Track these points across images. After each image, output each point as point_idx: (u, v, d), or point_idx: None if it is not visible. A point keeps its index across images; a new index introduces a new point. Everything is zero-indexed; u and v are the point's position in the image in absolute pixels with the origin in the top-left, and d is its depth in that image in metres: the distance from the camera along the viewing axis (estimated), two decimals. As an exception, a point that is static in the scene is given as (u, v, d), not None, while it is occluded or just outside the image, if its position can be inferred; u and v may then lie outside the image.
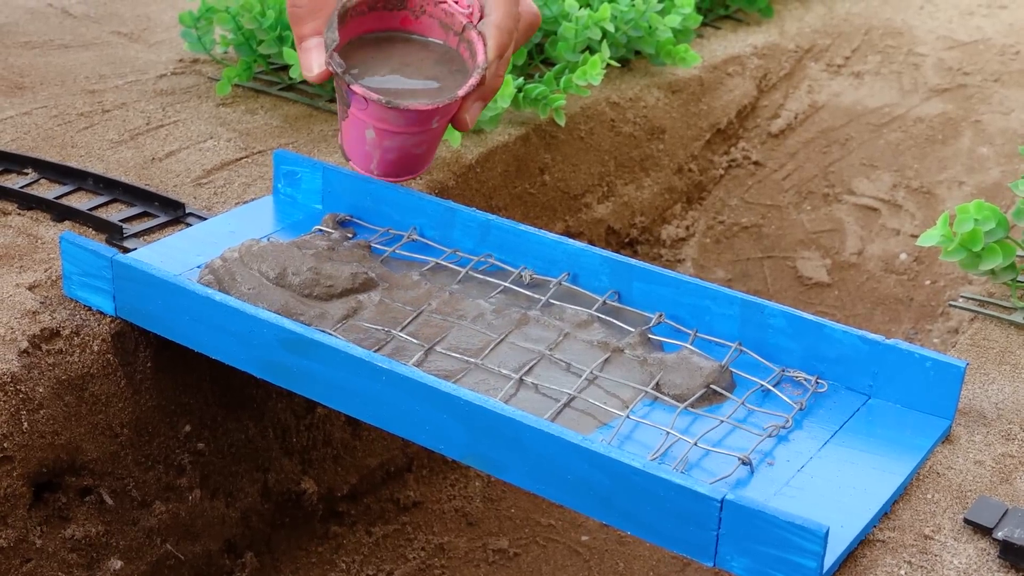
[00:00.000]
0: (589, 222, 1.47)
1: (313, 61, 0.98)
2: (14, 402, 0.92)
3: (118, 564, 1.00)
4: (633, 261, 0.95)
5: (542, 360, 0.89)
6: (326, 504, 1.21)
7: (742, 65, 1.69)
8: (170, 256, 1.00)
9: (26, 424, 0.93)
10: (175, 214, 1.09)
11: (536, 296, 0.96)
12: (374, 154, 1.00)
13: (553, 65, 1.41)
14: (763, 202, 1.63)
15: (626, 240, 1.53)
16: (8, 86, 1.37)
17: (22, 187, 1.12)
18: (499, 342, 0.91)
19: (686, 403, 0.85)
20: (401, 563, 1.21)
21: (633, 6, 1.45)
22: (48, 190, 1.13)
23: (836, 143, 1.67)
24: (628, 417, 0.84)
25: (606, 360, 0.89)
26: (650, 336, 0.92)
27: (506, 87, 1.25)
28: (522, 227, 0.99)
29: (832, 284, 1.53)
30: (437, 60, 1.00)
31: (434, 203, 1.02)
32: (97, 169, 1.17)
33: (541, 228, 1.08)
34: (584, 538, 1.26)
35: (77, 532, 0.98)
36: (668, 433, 0.82)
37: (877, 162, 1.64)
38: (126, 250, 1.02)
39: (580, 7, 1.43)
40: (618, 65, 1.47)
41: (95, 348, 0.98)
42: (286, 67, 1.37)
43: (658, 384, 0.87)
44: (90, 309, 0.98)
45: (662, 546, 0.75)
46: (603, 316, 0.94)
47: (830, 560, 0.73)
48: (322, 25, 0.98)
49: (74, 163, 1.18)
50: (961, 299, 1.06)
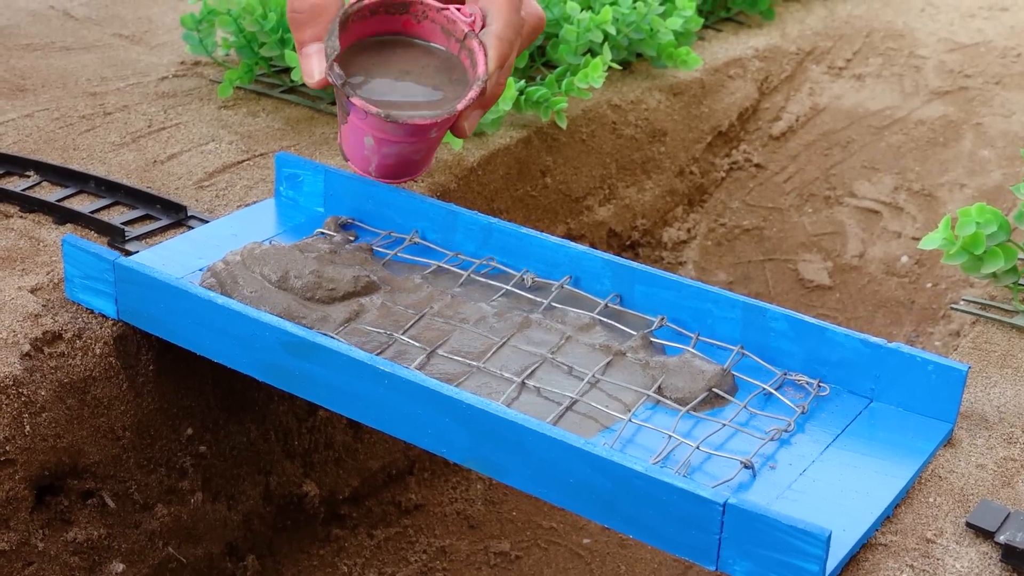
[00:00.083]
0: (590, 224, 1.47)
1: (314, 67, 0.98)
2: (16, 405, 0.92)
3: (120, 567, 1.00)
4: (635, 264, 0.95)
5: (544, 363, 0.89)
6: (328, 507, 1.21)
7: (743, 67, 1.69)
8: (172, 259, 1.00)
9: (28, 427, 0.93)
10: (177, 217, 1.09)
11: (538, 299, 0.96)
12: (373, 159, 1.00)
13: (555, 67, 1.41)
14: (764, 204, 1.63)
15: (627, 243, 1.53)
16: (10, 88, 1.37)
17: (24, 190, 1.12)
18: (501, 345, 0.91)
19: (688, 406, 0.85)
20: (403, 566, 1.21)
21: (635, 9, 1.45)
22: (50, 193, 1.13)
23: (837, 145, 1.67)
24: (630, 421, 0.84)
25: (608, 363, 0.89)
26: (652, 339, 0.92)
27: (508, 90, 1.25)
28: (524, 230, 0.99)
29: (833, 287, 1.53)
30: (438, 67, 1.00)
31: (436, 206, 1.02)
32: (99, 172, 1.17)
33: (543, 230, 1.08)
34: (586, 541, 1.26)
35: (79, 535, 0.98)
36: (670, 437, 0.82)
37: (878, 165, 1.64)
38: (128, 253, 1.02)
39: (582, 10, 1.43)
40: (619, 68, 1.47)
41: (97, 351, 0.98)
42: (288, 69, 1.37)
43: (660, 387, 0.87)
44: (92, 312, 0.98)
45: (664, 550, 0.75)
46: (605, 319, 0.94)
47: (832, 564, 0.72)
48: (322, 31, 0.98)
49: (76, 166, 1.18)
50: (963, 302, 1.06)
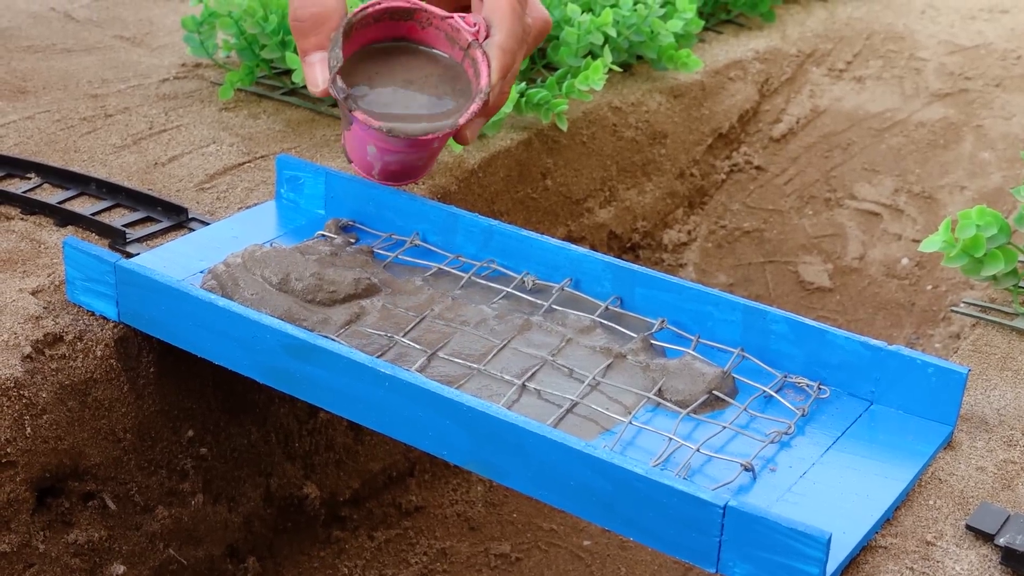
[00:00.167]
0: (591, 227, 1.47)
1: (318, 76, 0.98)
2: (17, 407, 0.92)
3: (121, 569, 1.00)
4: (635, 267, 0.95)
5: (544, 366, 0.89)
6: (328, 509, 1.21)
7: (744, 70, 1.69)
8: (173, 261, 1.00)
9: (29, 429, 0.93)
10: (178, 219, 1.09)
11: (538, 302, 0.96)
12: (376, 164, 1.01)
13: (555, 70, 1.41)
14: (765, 207, 1.63)
15: (628, 245, 1.53)
16: (11, 90, 1.37)
17: (25, 192, 1.12)
18: (501, 348, 0.91)
19: (688, 409, 0.85)
20: (403, 567, 1.21)
21: (635, 11, 1.45)
22: (51, 195, 1.13)
23: (838, 148, 1.68)
24: (630, 423, 0.84)
25: (608, 366, 0.89)
26: (652, 342, 0.92)
27: (508, 92, 1.25)
28: (524, 232, 0.99)
29: (834, 289, 1.53)
30: (442, 76, 1.00)
31: (437, 208, 1.03)
32: (100, 174, 1.17)
33: (543, 233, 1.08)
34: (586, 543, 1.26)
35: (80, 537, 0.98)
36: (670, 439, 0.82)
37: (879, 167, 1.64)
38: (129, 255, 1.02)
39: (582, 12, 1.43)
40: (620, 70, 1.47)
41: (98, 353, 0.98)
42: (289, 71, 1.37)
43: (660, 390, 0.87)
44: (93, 314, 0.98)
45: (664, 552, 0.75)
46: (605, 322, 0.94)
47: (832, 566, 0.73)
48: (325, 39, 0.98)
49: (77, 168, 1.18)
50: (963, 304, 1.06)
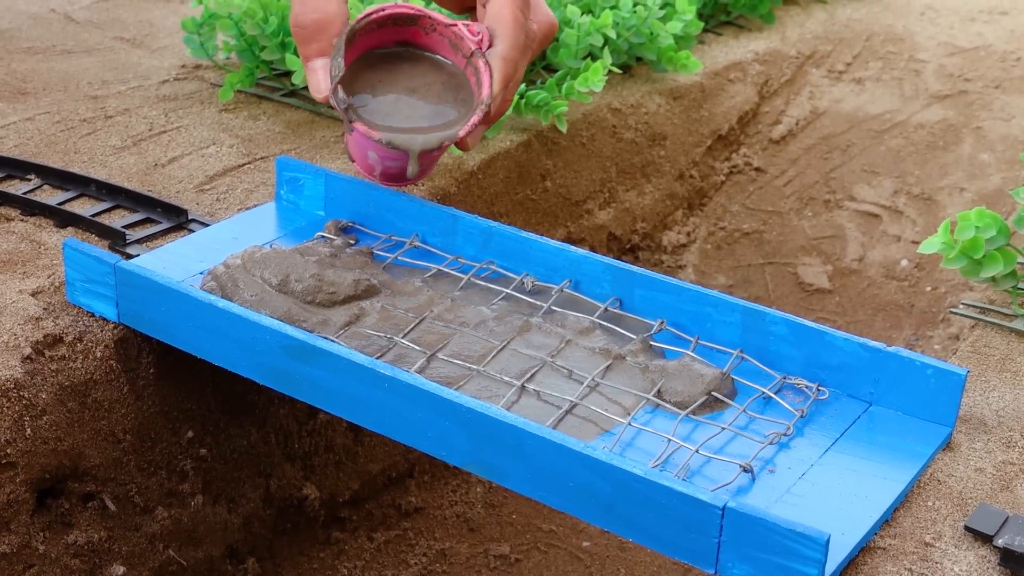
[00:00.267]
0: (591, 228, 1.47)
1: (321, 82, 0.98)
2: (17, 408, 0.92)
3: (121, 570, 1.00)
4: (635, 268, 0.95)
5: (544, 367, 0.89)
6: (328, 510, 1.21)
7: (743, 71, 1.69)
8: (173, 262, 1.00)
9: (29, 430, 0.93)
10: (178, 220, 1.09)
11: (538, 303, 0.96)
12: (377, 167, 1.01)
13: (555, 71, 1.41)
14: (764, 208, 1.63)
15: (627, 246, 1.53)
16: (11, 92, 1.37)
17: (25, 193, 1.12)
18: (501, 349, 0.91)
19: (687, 410, 0.85)
20: (403, 569, 1.21)
21: (635, 13, 1.46)
22: (51, 196, 1.13)
23: (837, 149, 1.68)
24: (630, 424, 0.84)
25: (608, 367, 0.89)
26: (652, 343, 0.92)
27: (508, 94, 1.25)
28: (524, 234, 0.99)
29: (833, 290, 1.53)
30: (445, 84, 1.00)
31: (436, 210, 1.03)
32: (100, 175, 1.17)
33: (543, 234, 1.08)
34: (585, 544, 1.26)
35: (80, 538, 0.98)
36: (669, 440, 0.82)
37: (878, 168, 1.64)
38: (129, 256, 1.02)
39: (582, 13, 1.43)
40: (620, 71, 1.47)
41: (98, 354, 0.98)
42: (288, 73, 1.37)
43: (660, 391, 0.87)
44: (93, 315, 0.98)
45: (663, 553, 0.75)
46: (605, 323, 0.94)
47: (831, 567, 0.73)
48: (327, 45, 0.98)
49: (77, 169, 1.18)
50: (962, 306, 1.06)
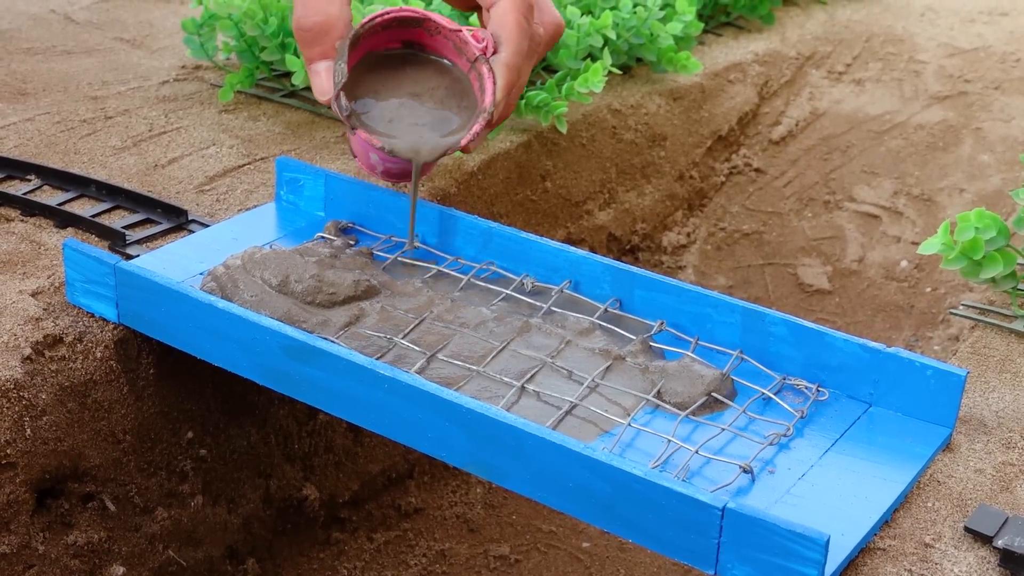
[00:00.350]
0: (590, 229, 1.47)
1: (324, 85, 0.99)
2: (17, 408, 0.92)
3: (120, 570, 1.00)
4: (635, 269, 0.95)
5: (544, 368, 0.89)
6: (328, 510, 1.21)
7: (743, 72, 1.69)
8: (173, 263, 1.00)
9: (29, 430, 0.93)
10: (178, 221, 1.09)
11: (538, 304, 0.96)
12: (378, 166, 1.01)
13: (555, 72, 1.42)
14: (764, 209, 1.63)
15: (627, 247, 1.53)
16: (11, 92, 1.37)
17: (25, 193, 1.12)
18: (501, 350, 0.91)
19: (687, 411, 0.85)
20: (403, 569, 1.21)
21: (635, 13, 1.46)
22: (51, 197, 1.13)
23: (837, 150, 1.68)
24: (629, 425, 0.84)
25: (608, 368, 0.89)
26: (651, 344, 0.92)
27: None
28: (524, 235, 0.99)
29: (833, 291, 1.53)
30: (449, 90, 1.00)
31: (436, 210, 1.03)
32: (100, 176, 1.17)
33: (543, 235, 1.08)
34: (585, 545, 1.26)
35: (79, 538, 0.98)
36: (669, 441, 0.82)
37: (878, 169, 1.64)
38: (129, 257, 1.02)
39: (582, 14, 1.43)
40: (620, 72, 1.47)
41: (98, 355, 0.98)
42: (288, 74, 1.37)
43: (659, 392, 0.87)
44: (93, 316, 0.98)
45: (663, 554, 0.75)
46: (605, 324, 0.94)
47: (831, 568, 0.73)
48: (330, 48, 0.98)
49: (77, 170, 1.18)
50: (962, 307, 1.06)
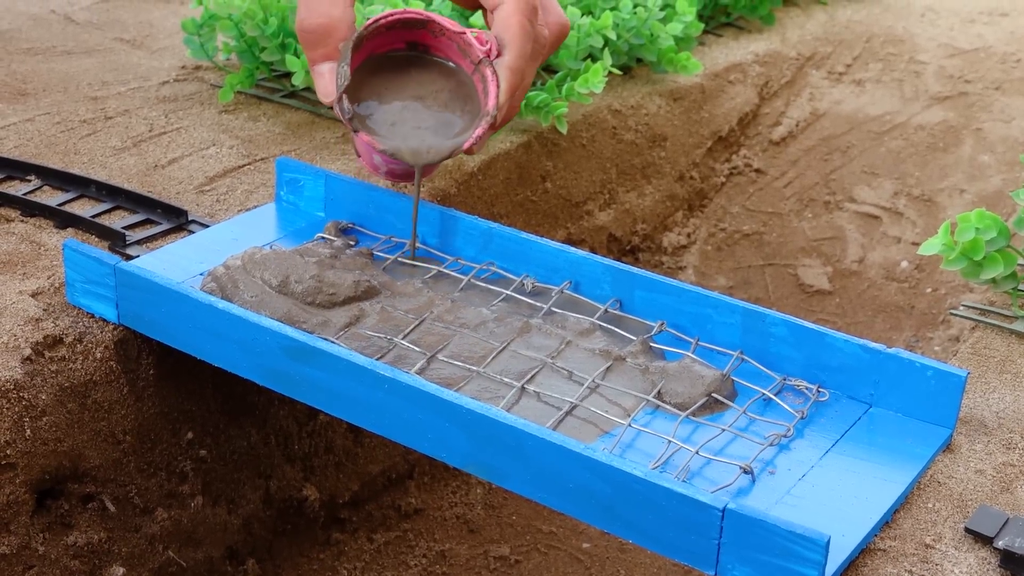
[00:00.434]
0: (591, 229, 1.47)
1: (327, 86, 0.99)
2: (17, 409, 0.92)
3: (120, 571, 1.00)
4: (635, 269, 0.95)
5: (544, 368, 0.89)
6: (328, 511, 1.21)
7: (743, 73, 1.69)
8: (173, 263, 1.00)
9: (29, 431, 0.93)
10: (178, 221, 1.09)
11: (538, 304, 0.96)
12: (382, 167, 1.01)
13: (555, 72, 1.41)
14: (764, 209, 1.63)
15: (628, 247, 1.53)
16: (11, 92, 1.37)
17: (25, 194, 1.12)
18: (501, 350, 0.91)
19: (688, 412, 0.85)
20: (403, 570, 1.21)
21: (635, 14, 1.46)
22: (51, 197, 1.13)
23: (837, 151, 1.68)
24: (630, 426, 0.84)
25: (608, 368, 0.89)
26: (652, 344, 0.92)
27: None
28: (524, 235, 0.99)
29: (833, 292, 1.53)
30: (452, 93, 1.00)
31: (436, 211, 1.03)
32: (100, 176, 1.17)
33: (543, 235, 1.08)
34: (585, 545, 1.26)
35: (79, 539, 0.98)
36: (670, 442, 0.82)
37: (878, 170, 1.64)
38: (129, 257, 1.02)
39: (582, 15, 1.43)
40: (620, 73, 1.47)
41: (98, 355, 0.98)
42: (289, 74, 1.37)
43: (660, 393, 0.87)
44: (93, 316, 0.98)
45: (663, 554, 0.75)
46: (605, 324, 0.94)
47: (831, 569, 0.73)
48: (333, 50, 0.98)
49: (77, 170, 1.18)
50: (962, 307, 1.06)
